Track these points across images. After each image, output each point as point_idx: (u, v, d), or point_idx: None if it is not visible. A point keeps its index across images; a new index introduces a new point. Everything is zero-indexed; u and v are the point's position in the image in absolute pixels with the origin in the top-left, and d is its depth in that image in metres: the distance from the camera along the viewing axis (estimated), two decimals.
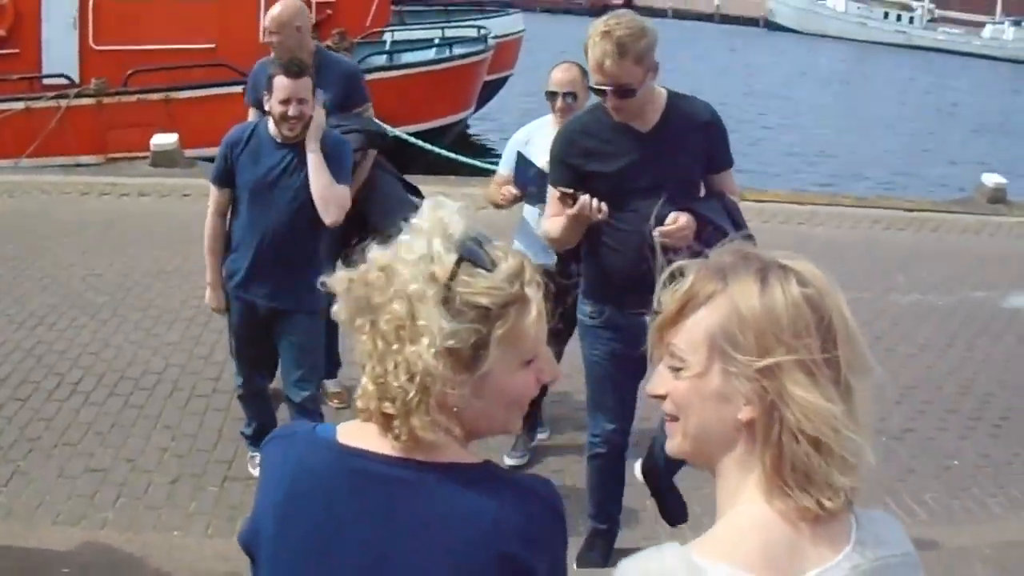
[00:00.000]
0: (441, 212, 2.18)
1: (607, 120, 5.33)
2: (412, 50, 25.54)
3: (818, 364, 1.88)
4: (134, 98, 19.01)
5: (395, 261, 2.14)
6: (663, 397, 2.04)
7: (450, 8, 40.43)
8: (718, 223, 5.10)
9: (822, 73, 57.75)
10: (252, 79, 7.80)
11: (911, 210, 14.96)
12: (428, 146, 20.02)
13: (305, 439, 2.30)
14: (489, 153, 26.11)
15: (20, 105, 18.65)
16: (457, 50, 24.42)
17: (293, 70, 6.11)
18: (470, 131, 29.29)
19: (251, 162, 6.29)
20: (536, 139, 6.76)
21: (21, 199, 12.97)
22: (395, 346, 2.09)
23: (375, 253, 2.18)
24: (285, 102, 6.08)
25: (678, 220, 5.03)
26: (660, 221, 5.01)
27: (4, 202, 13.14)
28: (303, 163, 6.21)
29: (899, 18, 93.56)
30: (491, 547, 2.12)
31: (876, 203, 15.66)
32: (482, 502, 2.14)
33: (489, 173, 18.14)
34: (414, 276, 2.09)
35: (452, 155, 19.99)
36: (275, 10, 7.46)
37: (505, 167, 6.99)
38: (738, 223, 5.16)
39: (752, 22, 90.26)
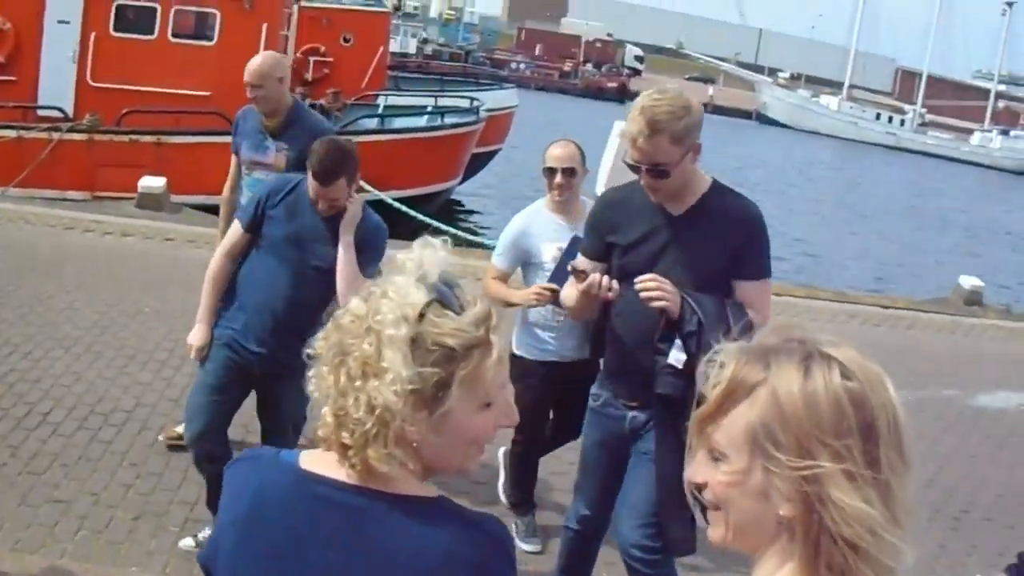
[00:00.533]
0: (424, 252, 2.26)
1: (643, 196, 5.02)
2: (404, 115, 25.69)
3: (859, 468, 1.85)
4: (126, 138, 19.17)
5: (373, 298, 2.21)
6: (703, 486, 2.00)
7: (445, 78, 40.92)
8: (703, 318, 4.75)
9: (812, 169, 58.30)
10: (235, 126, 7.82)
11: (887, 307, 15.09)
12: (412, 212, 20.10)
13: (269, 463, 2.35)
14: (473, 224, 26.23)
15: (12, 134, 18.76)
16: (448, 119, 24.63)
17: (321, 175, 5.84)
18: (455, 201, 29.44)
19: (285, 216, 6.04)
20: (535, 228, 6.54)
21: (5, 228, 13.04)
22: (358, 382, 2.15)
23: (354, 302, 2.25)
24: (315, 197, 5.92)
25: (661, 280, 4.79)
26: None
27: None
28: (332, 234, 5.95)
29: (891, 120, 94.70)
30: None
31: (854, 299, 15.80)
32: (435, 535, 2.20)
33: (473, 245, 18.35)
34: (388, 317, 2.15)
35: (436, 223, 20.06)
36: (256, 62, 7.47)
37: (503, 260, 6.68)
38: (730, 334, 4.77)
39: (745, 115, 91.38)
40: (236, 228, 6.21)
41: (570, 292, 5.32)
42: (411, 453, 2.18)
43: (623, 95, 78.04)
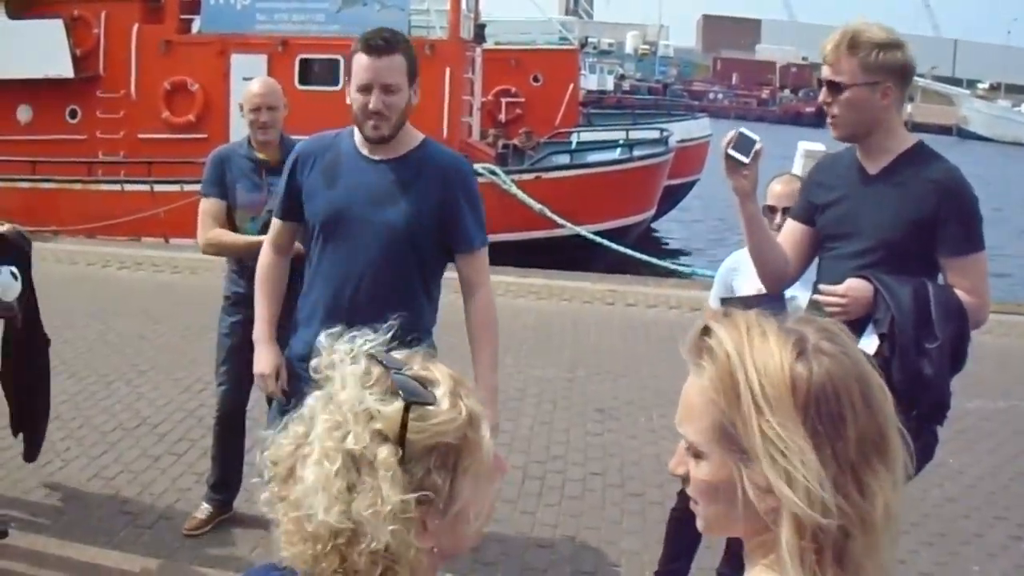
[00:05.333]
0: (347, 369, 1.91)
1: (851, 156, 4.67)
2: (595, 150, 25.87)
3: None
4: None
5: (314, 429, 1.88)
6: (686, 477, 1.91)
7: (638, 112, 41.06)
8: (896, 314, 4.27)
9: (1014, 184, 56.30)
10: (217, 171, 6.44)
11: None
12: (609, 243, 20.28)
13: None
14: (673, 255, 26.21)
15: None
16: (637, 152, 24.61)
17: (376, 46, 4.65)
18: (657, 234, 29.52)
19: (326, 183, 4.88)
20: (744, 267, 5.68)
21: (204, 276, 13.56)
22: (341, 542, 1.83)
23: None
24: (366, 89, 4.68)
25: (848, 287, 4.38)
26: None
27: (186, 278, 13.88)
28: (401, 184, 4.80)
29: None
30: None
31: None
32: None
33: (672, 274, 18.40)
34: (349, 455, 1.82)
35: (633, 253, 20.20)
36: (264, 84, 6.53)
37: (714, 300, 6.02)
38: (929, 327, 4.28)
39: (945, 130, 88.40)
40: (275, 222, 5.22)
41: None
42: (428, 559, 1.91)
43: (821, 119, 76.40)
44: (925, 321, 4.26)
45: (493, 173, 21.24)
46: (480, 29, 26.54)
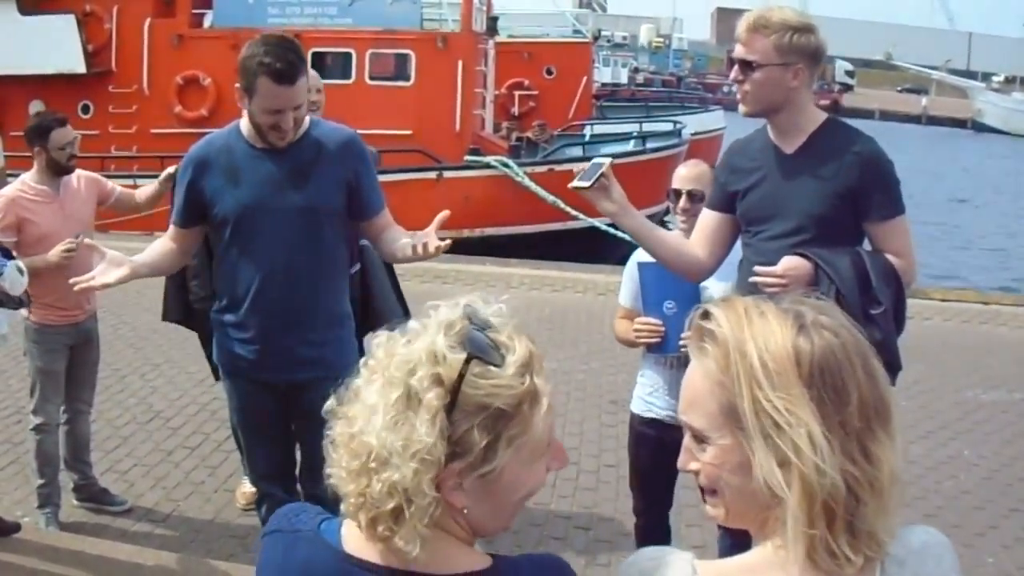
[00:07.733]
0: (442, 311, 1.98)
1: (762, 138, 4.69)
2: (608, 143, 25.78)
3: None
4: None
5: (382, 374, 1.94)
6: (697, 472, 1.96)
7: (651, 104, 40.93)
8: (840, 285, 4.26)
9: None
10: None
11: None
12: (623, 235, 20.22)
13: (309, 542, 2.07)
14: None
15: None
16: (650, 144, 24.51)
17: (283, 70, 4.72)
18: (670, 227, 29.43)
19: (229, 182, 4.92)
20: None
21: None
22: (373, 464, 1.88)
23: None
24: (271, 110, 4.77)
25: (786, 266, 4.32)
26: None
27: None
28: (303, 166, 4.89)
29: None
30: None
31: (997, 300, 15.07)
32: None
33: None
34: (416, 380, 1.88)
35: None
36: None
37: (624, 295, 5.74)
38: (871, 293, 4.33)
39: (960, 123, 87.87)
40: (175, 229, 5.19)
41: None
42: (456, 522, 1.94)
43: (836, 112, 75.98)
44: (867, 288, 4.34)
45: (506, 166, 21.20)
46: (493, 22, 26.45)
